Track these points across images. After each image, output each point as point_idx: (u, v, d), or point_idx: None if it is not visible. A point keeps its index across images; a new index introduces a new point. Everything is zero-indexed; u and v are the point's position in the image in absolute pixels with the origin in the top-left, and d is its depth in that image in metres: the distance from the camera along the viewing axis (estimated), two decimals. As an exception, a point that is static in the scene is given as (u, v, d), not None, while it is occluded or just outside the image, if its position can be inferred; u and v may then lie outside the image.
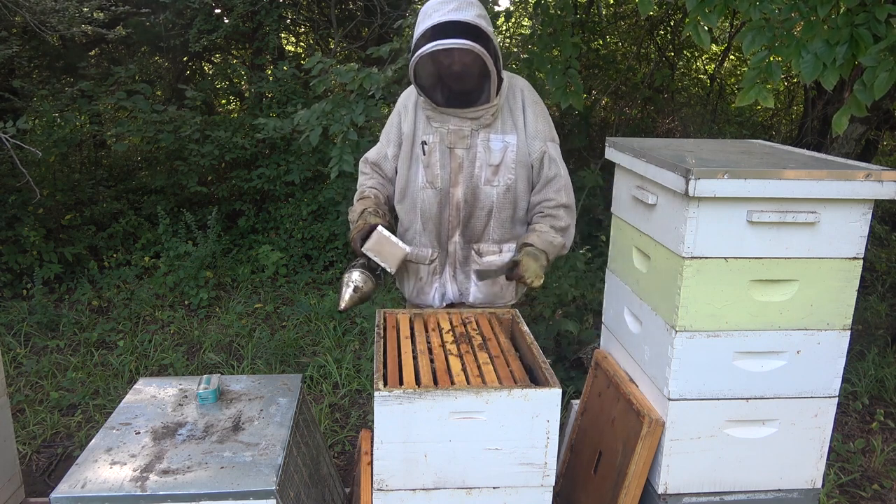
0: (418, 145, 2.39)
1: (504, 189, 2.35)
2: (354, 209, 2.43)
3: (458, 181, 2.36)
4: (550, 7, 3.80)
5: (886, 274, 5.18)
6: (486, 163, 2.34)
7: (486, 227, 2.39)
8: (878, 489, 3.12)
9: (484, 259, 2.41)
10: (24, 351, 4.15)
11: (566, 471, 2.47)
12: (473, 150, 2.34)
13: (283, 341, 4.20)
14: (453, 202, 2.38)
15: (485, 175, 2.34)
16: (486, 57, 2.16)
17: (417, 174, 2.39)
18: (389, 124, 2.50)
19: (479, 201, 2.36)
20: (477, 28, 2.17)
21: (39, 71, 6.29)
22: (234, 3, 5.82)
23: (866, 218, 1.86)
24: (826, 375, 1.95)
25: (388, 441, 1.69)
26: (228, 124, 5.75)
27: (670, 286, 1.91)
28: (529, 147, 2.36)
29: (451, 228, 2.41)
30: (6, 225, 5.10)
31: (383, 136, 2.51)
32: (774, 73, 2.35)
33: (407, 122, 2.42)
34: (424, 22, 2.20)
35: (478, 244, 2.41)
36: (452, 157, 2.35)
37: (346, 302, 2.26)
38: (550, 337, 3.88)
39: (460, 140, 2.33)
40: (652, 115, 7.21)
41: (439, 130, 2.35)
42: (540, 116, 2.39)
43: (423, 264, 2.46)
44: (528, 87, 2.44)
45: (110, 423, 1.98)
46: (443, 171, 2.36)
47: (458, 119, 2.32)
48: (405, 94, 2.49)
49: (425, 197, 2.39)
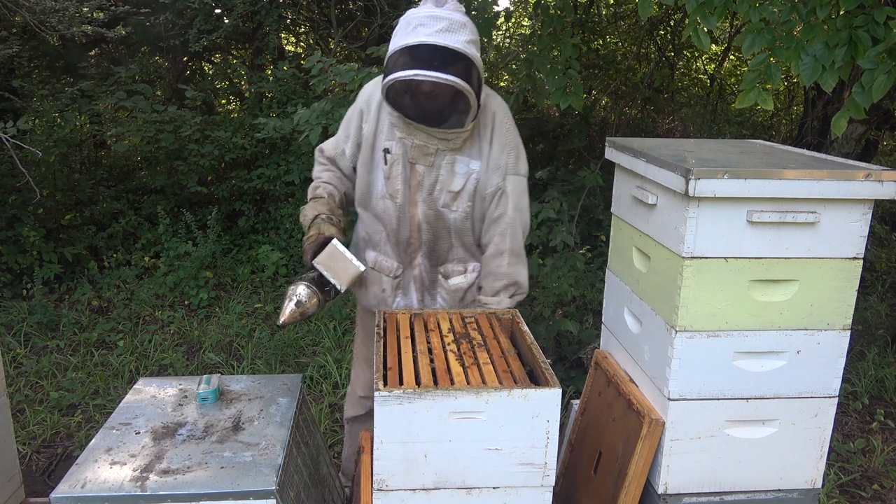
0: (379, 151, 2.24)
1: (463, 216, 2.25)
2: (306, 212, 2.25)
3: (416, 200, 2.23)
4: (550, 7, 3.80)
5: (886, 274, 5.18)
6: (447, 188, 2.21)
7: (451, 249, 2.31)
8: (878, 489, 3.12)
9: (450, 281, 2.34)
10: (24, 351, 4.15)
11: (566, 471, 2.47)
12: (436, 172, 2.20)
13: (283, 341, 4.20)
14: (414, 222, 2.26)
15: (443, 199, 2.22)
16: (470, 93, 2.01)
17: (378, 182, 2.26)
18: (349, 119, 2.31)
19: (442, 224, 2.25)
20: (464, 57, 2.00)
21: (39, 71, 6.30)
22: (234, 3, 5.82)
23: (866, 218, 1.86)
24: (826, 375, 1.95)
25: (388, 441, 1.69)
26: (228, 124, 5.75)
27: (670, 286, 1.91)
28: (488, 180, 2.22)
29: (414, 249, 2.31)
30: (6, 225, 5.10)
31: (342, 129, 2.33)
32: (774, 75, 2.35)
33: (368, 123, 2.24)
34: (408, 35, 2.01)
35: (443, 266, 2.34)
36: (413, 172, 2.21)
37: (286, 316, 2.09)
38: (550, 337, 3.88)
39: (423, 157, 2.18)
40: (652, 115, 7.21)
41: (403, 142, 2.19)
42: (507, 146, 2.23)
43: (386, 275, 2.35)
44: (503, 109, 2.27)
45: (110, 423, 1.98)
46: (403, 187, 2.22)
47: (424, 134, 2.15)
48: (368, 90, 2.30)
49: (385, 207, 2.27)
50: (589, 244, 4.73)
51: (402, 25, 2.06)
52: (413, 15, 2.05)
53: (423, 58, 1.97)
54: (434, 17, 2.00)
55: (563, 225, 4.00)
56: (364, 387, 2.61)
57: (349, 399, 2.71)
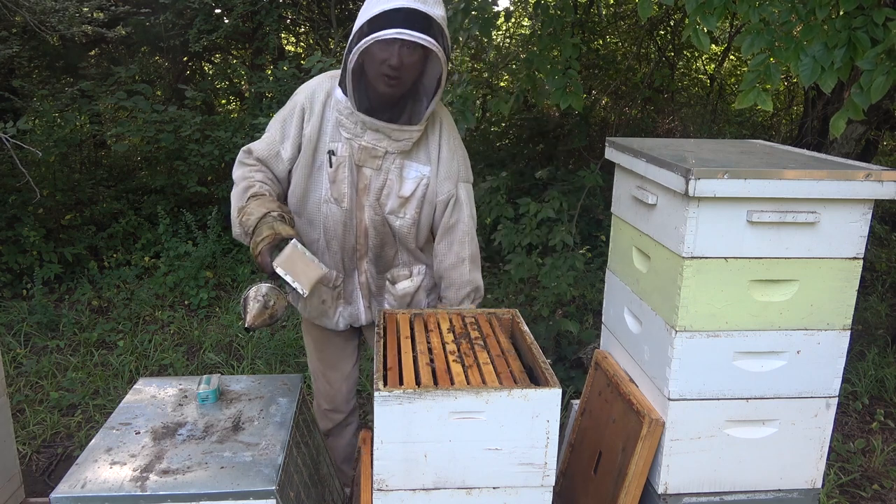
0: (323, 153, 2.10)
1: (410, 222, 2.16)
2: (250, 210, 1.99)
3: (363, 204, 2.13)
4: (550, 7, 3.80)
5: (886, 274, 5.18)
6: (396, 192, 2.12)
7: (396, 254, 2.26)
8: (878, 489, 3.12)
9: (398, 286, 2.29)
10: (24, 351, 4.15)
11: (566, 471, 2.47)
12: (384, 176, 2.10)
13: (283, 341, 4.20)
14: (360, 227, 2.17)
15: (390, 204, 2.13)
16: (443, 70, 1.94)
17: (320, 185, 2.13)
18: (287, 120, 2.12)
19: (389, 230, 2.18)
20: (442, 31, 1.93)
21: (39, 71, 6.30)
22: (234, 3, 5.83)
23: (866, 218, 1.86)
24: (826, 375, 1.95)
25: (388, 441, 1.69)
26: (228, 124, 5.76)
27: (670, 286, 1.91)
28: (439, 187, 2.15)
29: (360, 256, 2.22)
30: (6, 225, 5.10)
31: (276, 129, 2.13)
32: (773, 76, 2.35)
33: (312, 123, 2.09)
34: (377, 4, 1.88)
35: (390, 272, 2.29)
36: (360, 176, 2.11)
37: (252, 318, 1.92)
38: (550, 337, 3.89)
39: (371, 159, 2.08)
40: (652, 115, 7.22)
41: (350, 143, 2.07)
42: (456, 153, 2.17)
43: (325, 286, 2.25)
44: (449, 117, 2.21)
45: (110, 423, 1.97)
46: (350, 190, 2.11)
47: (373, 134, 2.05)
48: (309, 89, 2.14)
49: (329, 212, 2.14)
50: (589, 244, 4.73)
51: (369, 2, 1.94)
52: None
53: (405, 20, 1.86)
54: None
55: (563, 225, 4.00)
56: (328, 399, 2.54)
57: (317, 413, 2.61)
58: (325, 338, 2.48)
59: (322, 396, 2.57)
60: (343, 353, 2.52)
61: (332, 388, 2.54)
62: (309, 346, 2.55)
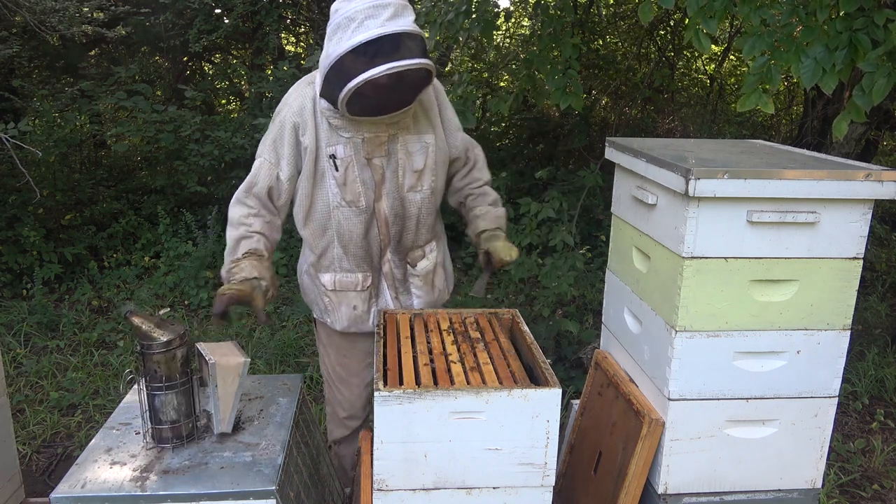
0: (323, 160, 2.10)
1: (429, 192, 2.20)
2: (243, 267, 2.03)
3: (381, 195, 2.14)
4: (550, 7, 3.80)
5: (886, 274, 5.18)
6: (410, 169, 2.14)
7: (416, 235, 2.26)
8: (878, 489, 3.12)
9: (417, 268, 2.31)
10: (24, 351, 4.15)
11: (566, 471, 2.47)
12: (394, 158, 2.12)
13: (283, 341, 4.20)
14: (381, 219, 2.17)
15: (408, 182, 2.15)
16: (433, 69, 1.97)
17: (327, 192, 2.12)
18: (277, 140, 2.12)
19: (407, 211, 2.18)
20: (421, 38, 1.92)
21: (39, 71, 6.30)
22: (234, 3, 5.83)
23: (866, 218, 1.86)
24: (826, 375, 1.95)
25: (388, 441, 1.69)
26: (228, 124, 5.76)
27: (670, 286, 1.91)
28: (451, 141, 2.25)
29: (383, 247, 2.23)
30: (6, 225, 5.10)
31: (267, 154, 2.13)
32: (774, 78, 2.35)
33: (308, 134, 2.08)
34: (356, 31, 1.86)
35: (409, 255, 2.29)
36: (372, 169, 2.11)
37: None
38: (550, 337, 3.89)
39: (377, 148, 2.09)
40: (652, 115, 7.22)
41: (352, 140, 2.07)
42: (452, 106, 2.30)
43: (351, 291, 2.26)
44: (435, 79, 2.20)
45: (110, 423, 1.98)
46: (365, 188, 2.11)
47: (371, 125, 2.04)
48: (295, 103, 2.12)
49: (341, 217, 2.14)
50: (589, 244, 4.73)
51: (341, 22, 1.90)
52: (353, 9, 1.89)
53: (389, 50, 1.85)
54: (378, 6, 1.87)
55: (563, 225, 4.00)
56: (346, 407, 2.48)
57: (331, 421, 2.55)
58: (349, 346, 2.41)
59: (339, 405, 2.49)
60: (367, 360, 2.46)
61: (353, 394, 2.47)
62: (329, 355, 2.46)
